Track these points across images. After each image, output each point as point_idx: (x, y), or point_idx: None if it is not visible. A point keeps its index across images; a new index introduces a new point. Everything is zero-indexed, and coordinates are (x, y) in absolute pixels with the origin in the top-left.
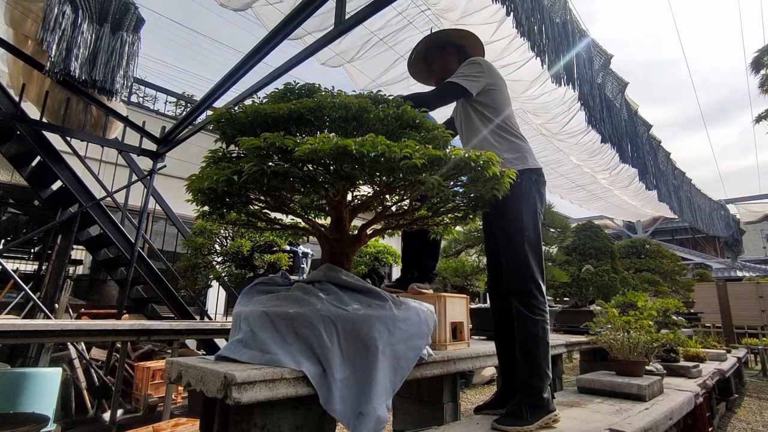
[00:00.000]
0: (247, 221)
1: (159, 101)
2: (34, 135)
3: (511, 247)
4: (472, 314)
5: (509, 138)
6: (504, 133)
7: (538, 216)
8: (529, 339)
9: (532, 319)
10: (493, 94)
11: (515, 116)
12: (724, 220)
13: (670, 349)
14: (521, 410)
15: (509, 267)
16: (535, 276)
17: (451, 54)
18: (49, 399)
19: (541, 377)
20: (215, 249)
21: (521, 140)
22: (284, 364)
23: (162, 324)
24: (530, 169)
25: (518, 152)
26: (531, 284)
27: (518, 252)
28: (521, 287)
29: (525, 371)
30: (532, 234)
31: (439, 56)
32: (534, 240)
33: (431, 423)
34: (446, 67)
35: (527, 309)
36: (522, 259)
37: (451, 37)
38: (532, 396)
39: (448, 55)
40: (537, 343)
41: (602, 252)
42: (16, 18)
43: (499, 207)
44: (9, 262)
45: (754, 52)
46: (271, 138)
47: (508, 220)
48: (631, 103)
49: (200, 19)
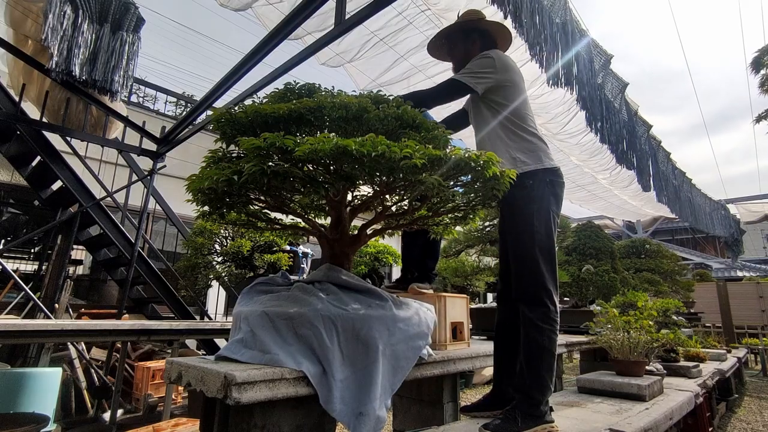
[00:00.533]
0: (247, 221)
1: (159, 101)
2: (34, 135)
3: (520, 251)
4: (472, 314)
5: (523, 135)
6: (518, 130)
7: (552, 220)
8: (534, 349)
9: (539, 327)
10: (507, 90)
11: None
12: (724, 220)
13: (670, 349)
14: (515, 417)
15: (518, 272)
16: (546, 283)
17: (476, 42)
18: (49, 399)
19: (542, 390)
20: (215, 249)
21: (536, 138)
22: (284, 364)
23: (162, 324)
24: (545, 169)
25: (533, 152)
26: (541, 291)
27: (528, 257)
28: (530, 294)
29: (526, 381)
30: (545, 239)
31: (462, 43)
32: (546, 245)
33: (431, 423)
34: (468, 55)
35: (535, 317)
36: (532, 265)
37: (480, 25)
38: (529, 406)
39: (473, 42)
40: (542, 355)
41: (602, 252)
42: (16, 18)
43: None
44: (9, 262)
45: (754, 52)
46: (271, 138)
47: (519, 223)
48: (631, 104)
49: (200, 19)
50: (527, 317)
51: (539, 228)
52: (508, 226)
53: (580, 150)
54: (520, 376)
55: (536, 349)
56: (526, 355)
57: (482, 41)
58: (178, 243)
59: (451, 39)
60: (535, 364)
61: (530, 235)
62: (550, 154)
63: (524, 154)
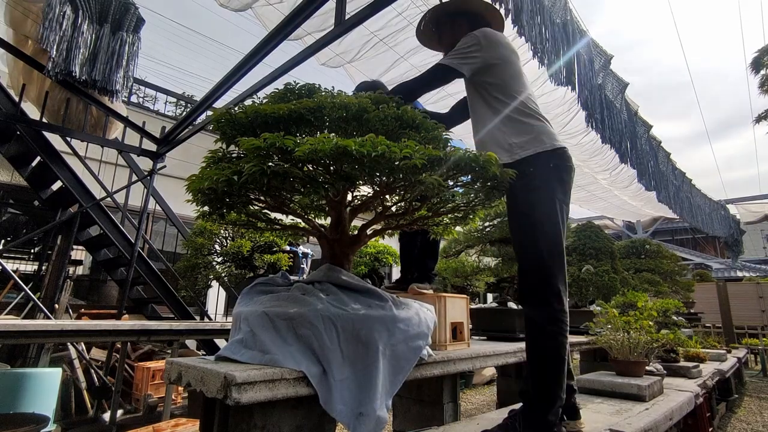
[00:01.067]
0: (247, 221)
1: (159, 101)
2: (34, 135)
3: (523, 247)
4: (472, 314)
5: (519, 118)
6: (514, 113)
7: (558, 209)
8: (540, 355)
9: (545, 330)
10: (497, 69)
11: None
12: (724, 221)
13: (670, 349)
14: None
15: (522, 269)
16: (552, 280)
17: (462, 25)
18: (49, 399)
19: (547, 400)
20: (215, 249)
21: (536, 119)
22: (284, 365)
23: (162, 324)
24: (548, 151)
25: (530, 134)
26: (546, 290)
27: (531, 253)
28: (535, 293)
29: (532, 390)
30: (550, 231)
31: (449, 28)
32: (552, 237)
33: (431, 423)
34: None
35: (541, 319)
36: (536, 260)
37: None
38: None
39: (459, 26)
40: (546, 360)
41: (602, 252)
42: (16, 18)
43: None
44: (9, 263)
45: (754, 52)
46: (271, 138)
47: (520, 215)
48: (631, 104)
49: (200, 20)
50: (531, 319)
51: (543, 219)
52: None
53: (581, 150)
54: (525, 381)
55: (542, 356)
56: (531, 361)
57: (470, 24)
58: (178, 243)
59: (439, 26)
60: (540, 372)
61: (533, 228)
62: (555, 134)
63: (521, 137)
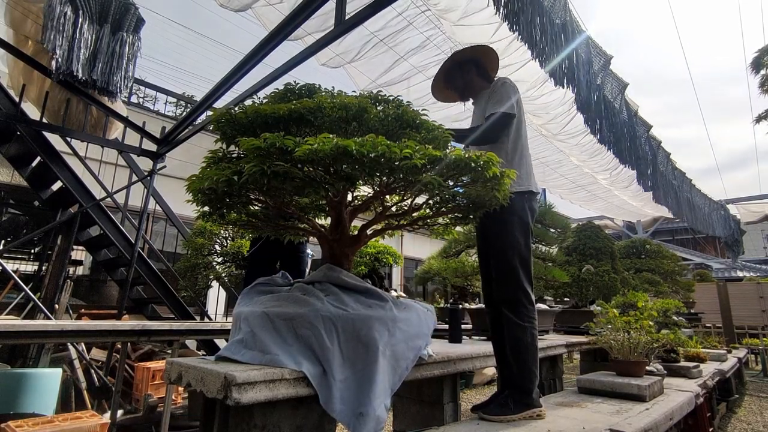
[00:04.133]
0: (247, 221)
1: (159, 101)
2: (34, 135)
3: (501, 259)
4: (472, 314)
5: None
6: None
7: (529, 230)
8: (518, 344)
9: (521, 326)
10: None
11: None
12: (723, 221)
13: (670, 349)
14: (507, 403)
15: (499, 278)
16: (524, 285)
17: (471, 70)
18: (49, 399)
19: (530, 379)
20: (215, 249)
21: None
22: (284, 365)
23: (162, 324)
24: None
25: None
26: (520, 293)
27: (510, 266)
28: (510, 296)
29: (514, 373)
30: (523, 248)
31: (460, 74)
32: (524, 253)
33: (431, 423)
34: (468, 82)
35: (516, 317)
36: (511, 270)
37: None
38: (520, 394)
39: (467, 72)
40: (526, 349)
41: (602, 252)
42: (17, 18)
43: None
44: (9, 263)
45: (754, 52)
46: (271, 138)
47: (501, 233)
48: (630, 104)
49: (200, 20)
50: (510, 318)
51: (519, 238)
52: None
53: (580, 150)
54: (509, 369)
55: (522, 345)
56: (514, 351)
57: (477, 68)
58: (178, 243)
59: (448, 75)
60: (522, 358)
61: (512, 245)
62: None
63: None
